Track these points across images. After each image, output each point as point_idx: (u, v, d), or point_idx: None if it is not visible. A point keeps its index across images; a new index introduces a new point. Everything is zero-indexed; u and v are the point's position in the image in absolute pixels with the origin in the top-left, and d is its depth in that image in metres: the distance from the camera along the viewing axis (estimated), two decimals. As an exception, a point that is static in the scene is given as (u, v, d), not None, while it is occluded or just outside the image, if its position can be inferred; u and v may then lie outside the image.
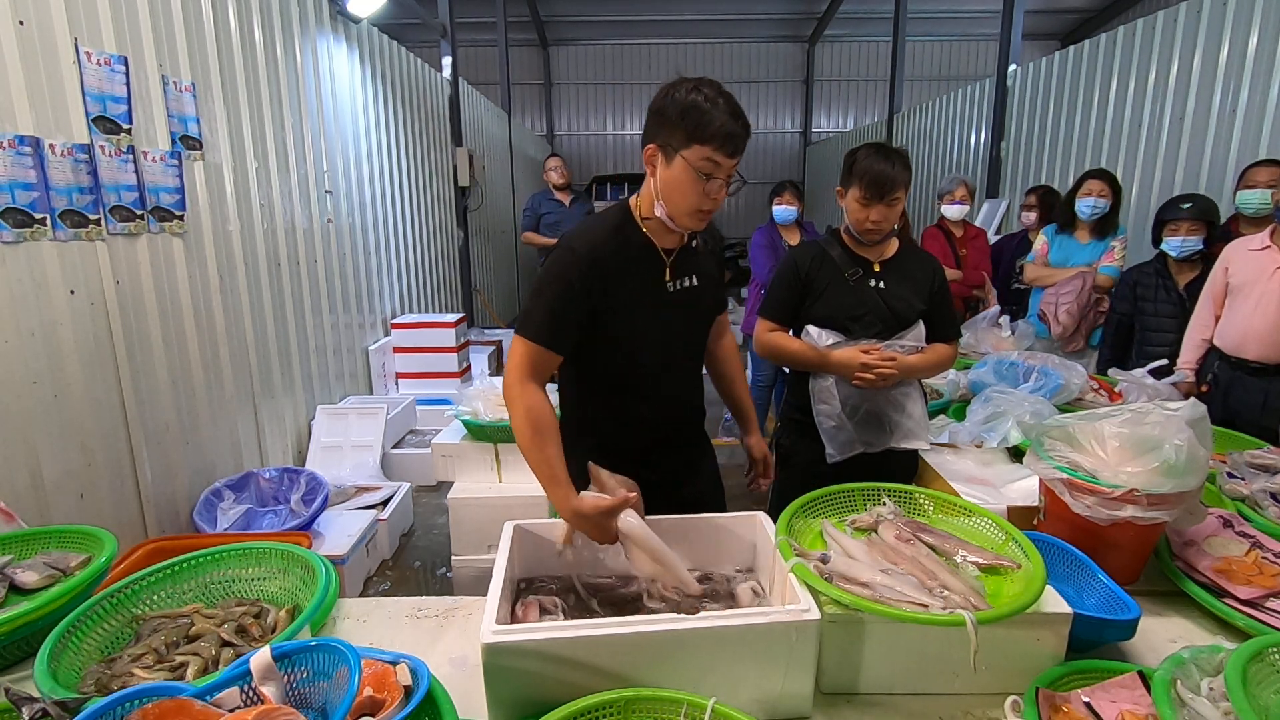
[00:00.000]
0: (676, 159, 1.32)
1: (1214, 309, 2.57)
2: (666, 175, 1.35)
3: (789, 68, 13.17)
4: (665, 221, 1.41)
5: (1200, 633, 1.27)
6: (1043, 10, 11.32)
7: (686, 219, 1.38)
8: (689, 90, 1.30)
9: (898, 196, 1.79)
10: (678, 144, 1.31)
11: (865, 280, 1.89)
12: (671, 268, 1.48)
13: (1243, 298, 2.43)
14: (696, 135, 1.29)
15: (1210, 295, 2.57)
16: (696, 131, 1.28)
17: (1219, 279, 2.53)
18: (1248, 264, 2.44)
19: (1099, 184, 3.33)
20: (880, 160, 1.77)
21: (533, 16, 11.52)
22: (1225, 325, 2.51)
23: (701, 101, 1.28)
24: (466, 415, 2.61)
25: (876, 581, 1.12)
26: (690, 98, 1.29)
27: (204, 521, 2.71)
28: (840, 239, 1.95)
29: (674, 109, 1.30)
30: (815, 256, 1.94)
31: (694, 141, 1.29)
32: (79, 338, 2.26)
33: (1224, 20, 3.92)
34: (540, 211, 5.44)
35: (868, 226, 1.83)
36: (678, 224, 1.40)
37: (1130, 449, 1.31)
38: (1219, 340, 2.53)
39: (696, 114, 1.28)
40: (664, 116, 1.32)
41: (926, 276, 1.91)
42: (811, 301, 1.92)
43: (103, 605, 1.15)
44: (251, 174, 3.22)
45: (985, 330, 3.22)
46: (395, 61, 5.15)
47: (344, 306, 4.21)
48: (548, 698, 0.95)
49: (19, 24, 2.06)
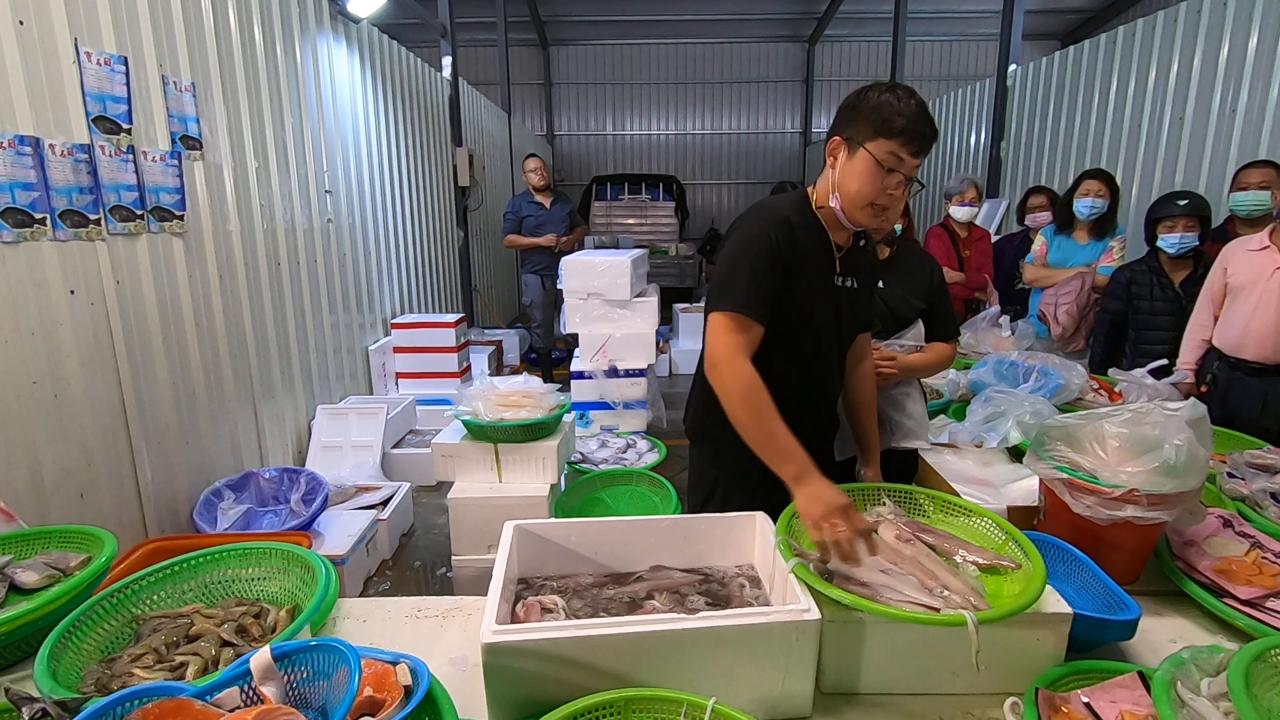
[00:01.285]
0: (860, 151, 1.35)
1: (1213, 309, 2.57)
2: (848, 167, 1.38)
3: (789, 68, 13.16)
4: (838, 214, 1.42)
5: (1200, 633, 1.27)
6: (1043, 10, 11.31)
7: (859, 212, 1.39)
8: (883, 91, 1.34)
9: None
10: (864, 137, 1.34)
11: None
12: (841, 261, 1.50)
13: (1242, 298, 2.43)
14: (885, 130, 1.32)
15: (1209, 296, 2.57)
16: (885, 126, 1.31)
17: (1218, 280, 2.53)
18: (1247, 265, 2.44)
19: (1097, 184, 3.33)
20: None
21: (533, 16, 11.51)
22: (1224, 326, 2.51)
23: (894, 101, 1.32)
24: (466, 415, 2.61)
25: (876, 581, 1.12)
26: (883, 97, 1.33)
27: (204, 521, 2.71)
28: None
29: (866, 105, 1.34)
30: None
31: (881, 135, 1.32)
32: (79, 338, 2.26)
33: (1224, 20, 3.92)
34: (521, 214, 5.43)
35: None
36: (849, 216, 1.41)
37: (1130, 449, 1.31)
38: (1218, 341, 2.53)
39: (887, 110, 1.32)
40: (855, 111, 1.36)
41: (925, 275, 1.91)
42: None
43: (103, 605, 1.15)
44: (251, 174, 3.22)
45: (985, 330, 3.22)
46: (395, 61, 5.15)
47: (344, 306, 4.21)
48: (548, 698, 0.95)
49: (19, 24, 2.06)
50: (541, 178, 5.34)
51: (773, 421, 1.28)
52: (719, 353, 1.35)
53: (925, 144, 1.33)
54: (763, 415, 1.28)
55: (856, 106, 1.36)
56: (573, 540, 1.35)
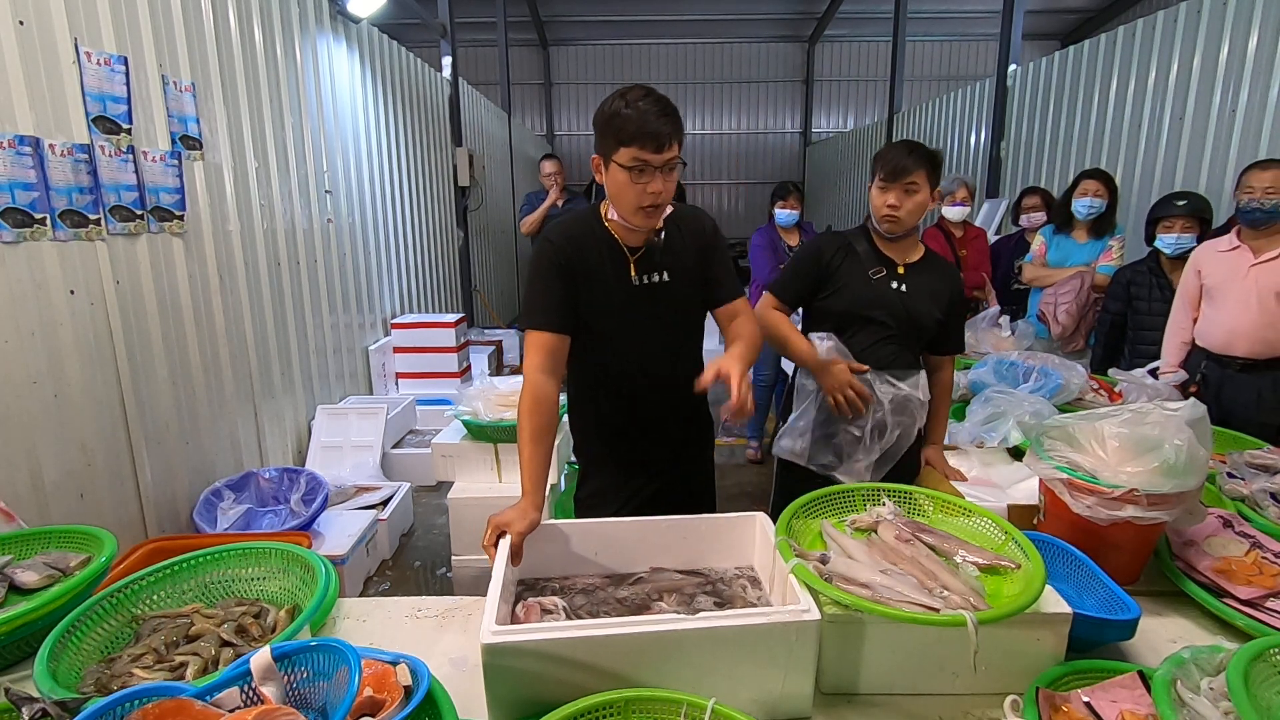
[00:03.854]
0: (612, 164, 1.42)
1: (1190, 312, 2.59)
2: (608, 180, 1.46)
3: (789, 68, 13.16)
4: (620, 223, 1.51)
5: (1200, 633, 1.27)
6: (1043, 10, 11.32)
7: (635, 216, 1.48)
8: (614, 99, 1.41)
9: (914, 182, 1.79)
10: (609, 150, 1.42)
11: (888, 280, 1.89)
12: (636, 263, 1.55)
13: (1221, 297, 2.46)
14: (621, 138, 1.38)
15: (1185, 299, 2.60)
16: (620, 134, 1.38)
17: (1192, 282, 2.56)
18: (1219, 265, 2.46)
19: (1095, 184, 3.33)
20: (900, 150, 1.83)
21: (533, 16, 11.52)
22: (1208, 326, 2.52)
23: (623, 108, 1.38)
24: (466, 415, 2.61)
25: (876, 582, 1.12)
26: (614, 106, 1.40)
27: (204, 521, 2.71)
28: (868, 235, 1.95)
29: (601, 119, 1.42)
30: (841, 249, 1.93)
31: (621, 145, 1.39)
32: (79, 338, 2.26)
33: (1224, 20, 3.92)
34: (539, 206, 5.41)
35: (885, 212, 1.84)
36: (630, 223, 1.49)
37: (1130, 449, 1.31)
38: (1204, 341, 2.54)
39: (618, 120, 1.38)
40: (599, 127, 1.43)
41: (948, 287, 1.93)
42: (828, 293, 1.92)
43: (102, 605, 1.15)
44: (251, 174, 3.22)
45: (985, 330, 3.22)
46: (395, 61, 5.15)
47: (344, 306, 4.21)
48: (548, 698, 0.95)
49: (19, 24, 2.06)
50: (556, 182, 5.29)
51: (528, 448, 1.42)
52: (524, 367, 1.51)
53: (663, 138, 1.37)
54: (523, 438, 1.44)
55: (598, 121, 1.43)
56: (572, 541, 1.35)
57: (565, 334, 1.52)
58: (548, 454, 1.44)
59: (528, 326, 1.51)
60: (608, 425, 1.69)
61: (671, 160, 1.41)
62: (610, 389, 1.65)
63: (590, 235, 1.54)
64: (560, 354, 1.53)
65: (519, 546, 1.24)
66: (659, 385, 1.63)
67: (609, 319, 1.56)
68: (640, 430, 1.67)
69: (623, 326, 1.57)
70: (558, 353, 1.52)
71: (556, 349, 1.51)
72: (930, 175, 1.80)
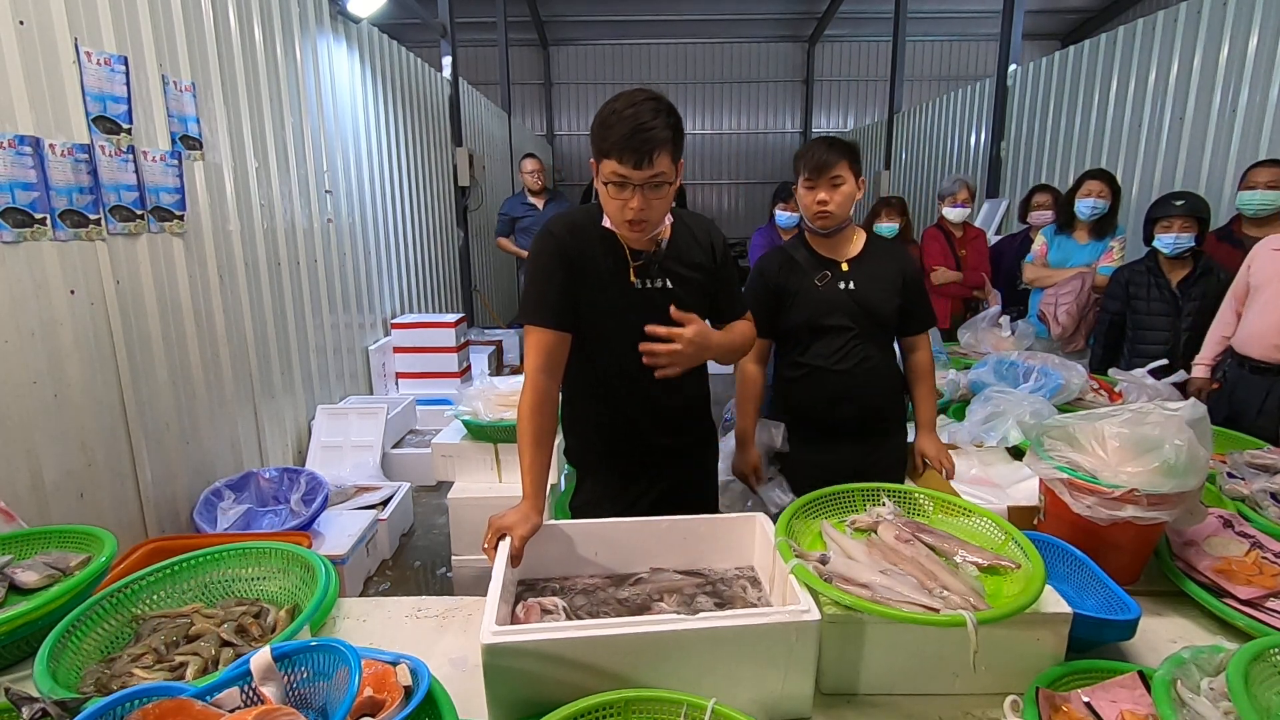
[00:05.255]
0: (599, 173, 1.37)
1: (1235, 307, 2.58)
2: (599, 189, 1.39)
3: (789, 68, 13.16)
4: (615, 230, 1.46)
5: (1200, 633, 1.27)
6: (1043, 10, 11.31)
7: (621, 228, 1.42)
8: (609, 104, 1.33)
9: (838, 175, 1.79)
10: (596, 158, 1.36)
11: (835, 283, 1.88)
12: (636, 268, 1.49)
13: (1255, 296, 2.45)
14: (602, 150, 1.32)
15: (1232, 294, 2.59)
16: (600, 146, 1.32)
17: (1242, 278, 2.55)
18: (1266, 264, 2.46)
19: (1098, 184, 3.33)
20: (820, 146, 1.81)
21: (533, 16, 11.51)
22: (1241, 324, 2.53)
23: (609, 116, 1.30)
24: (466, 415, 2.61)
25: (876, 582, 1.12)
26: (602, 114, 1.32)
27: (204, 521, 2.71)
28: (805, 240, 1.94)
29: (594, 124, 1.34)
30: (782, 264, 1.93)
31: (602, 156, 1.33)
32: (79, 338, 2.26)
33: (1224, 20, 3.92)
34: (515, 215, 5.43)
35: (815, 209, 1.83)
36: (618, 233, 1.44)
37: (1130, 449, 1.31)
38: (1234, 338, 2.54)
39: (601, 130, 1.31)
40: (591, 134, 1.36)
41: (897, 270, 1.91)
42: (785, 310, 1.92)
43: (102, 605, 1.15)
44: (251, 174, 3.22)
45: (985, 330, 3.23)
46: (395, 61, 5.15)
47: (344, 306, 4.20)
48: (548, 698, 0.95)
49: (19, 24, 2.06)
50: (537, 179, 5.31)
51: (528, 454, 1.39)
52: (525, 366, 1.47)
53: (644, 155, 1.28)
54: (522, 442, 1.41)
55: (592, 125, 1.36)
56: (573, 541, 1.35)
57: (566, 331, 1.48)
58: (549, 456, 1.43)
59: (528, 322, 1.47)
60: (605, 430, 1.64)
61: (656, 178, 1.31)
62: (608, 393, 1.60)
63: (592, 230, 1.49)
64: (561, 353, 1.49)
65: (520, 551, 1.23)
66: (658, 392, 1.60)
67: (608, 319, 1.51)
68: (639, 437, 1.63)
69: (622, 329, 1.51)
70: (558, 352, 1.48)
71: (557, 348, 1.48)
72: (852, 165, 1.80)
